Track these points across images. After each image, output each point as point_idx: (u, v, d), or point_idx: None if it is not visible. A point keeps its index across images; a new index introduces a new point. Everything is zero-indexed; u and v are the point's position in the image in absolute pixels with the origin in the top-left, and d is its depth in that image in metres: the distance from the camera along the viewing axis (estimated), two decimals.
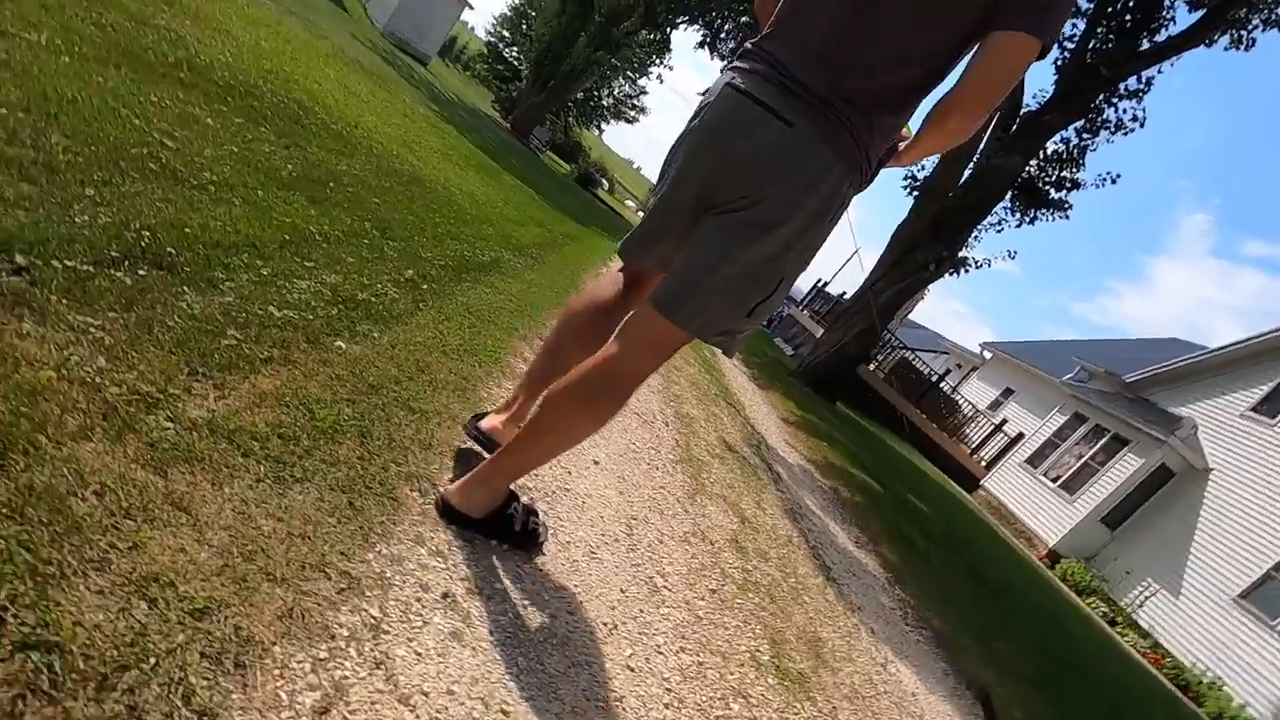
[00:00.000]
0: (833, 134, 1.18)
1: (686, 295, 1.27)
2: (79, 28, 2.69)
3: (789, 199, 1.19)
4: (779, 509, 3.38)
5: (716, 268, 1.24)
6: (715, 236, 1.25)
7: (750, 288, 1.27)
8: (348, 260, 2.38)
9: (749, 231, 1.22)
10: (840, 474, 5.83)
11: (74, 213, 1.57)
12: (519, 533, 1.45)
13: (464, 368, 2.04)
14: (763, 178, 1.20)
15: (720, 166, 1.24)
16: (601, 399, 1.31)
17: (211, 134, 2.69)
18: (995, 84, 1.16)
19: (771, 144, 1.18)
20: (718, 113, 1.25)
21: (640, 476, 2.40)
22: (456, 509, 1.36)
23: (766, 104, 1.20)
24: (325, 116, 4.24)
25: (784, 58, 1.22)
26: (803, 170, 1.18)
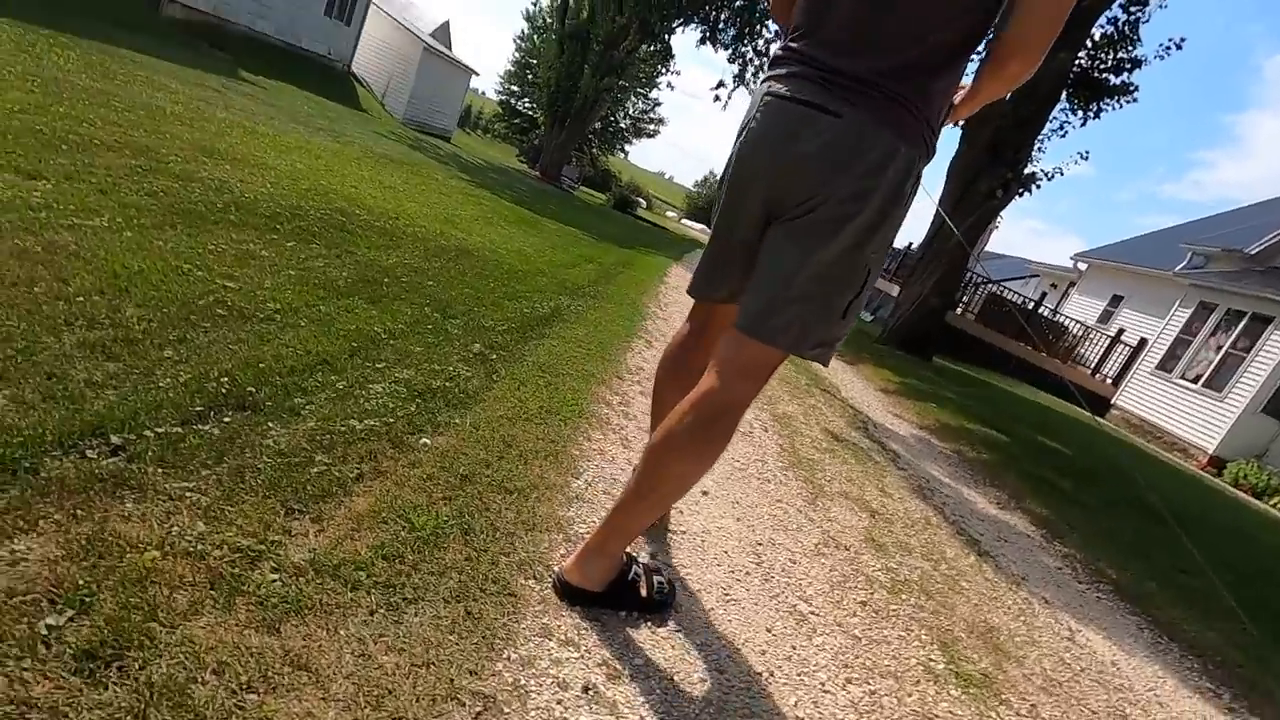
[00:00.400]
0: (886, 113, 1.13)
1: (771, 311, 1.20)
2: (134, 201, 2.87)
3: (856, 190, 1.13)
4: (906, 490, 3.16)
5: (795, 276, 1.18)
6: (787, 244, 1.19)
7: (836, 288, 1.20)
8: (415, 351, 2.40)
9: (821, 230, 1.16)
10: (958, 434, 5.46)
11: (157, 378, 1.63)
12: (646, 598, 1.37)
13: (549, 431, 2.00)
14: (824, 174, 1.14)
15: (777, 176, 1.19)
16: (705, 438, 1.23)
17: (268, 264, 2.80)
18: (1049, 22, 1.10)
19: (825, 139, 1.14)
20: (762, 124, 1.21)
21: (754, 495, 2.28)
22: (576, 586, 1.30)
23: (809, 101, 1.16)
24: (367, 216, 4.39)
25: (814, 52, 1.18)
26: (863, 157, 1.13)
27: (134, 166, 3.32)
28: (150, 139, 3.93)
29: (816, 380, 5.24)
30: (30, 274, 1.90)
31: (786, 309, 1.19)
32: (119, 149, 3.48)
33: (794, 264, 1.18)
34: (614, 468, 1.97)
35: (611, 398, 2.61)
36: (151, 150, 3.71)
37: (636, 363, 3.37)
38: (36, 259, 2.00)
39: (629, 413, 2.53)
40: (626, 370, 3.13)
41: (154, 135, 4.06)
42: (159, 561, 0.97)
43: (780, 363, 1.28)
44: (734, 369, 1.24)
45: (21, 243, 2.07)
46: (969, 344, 13.71)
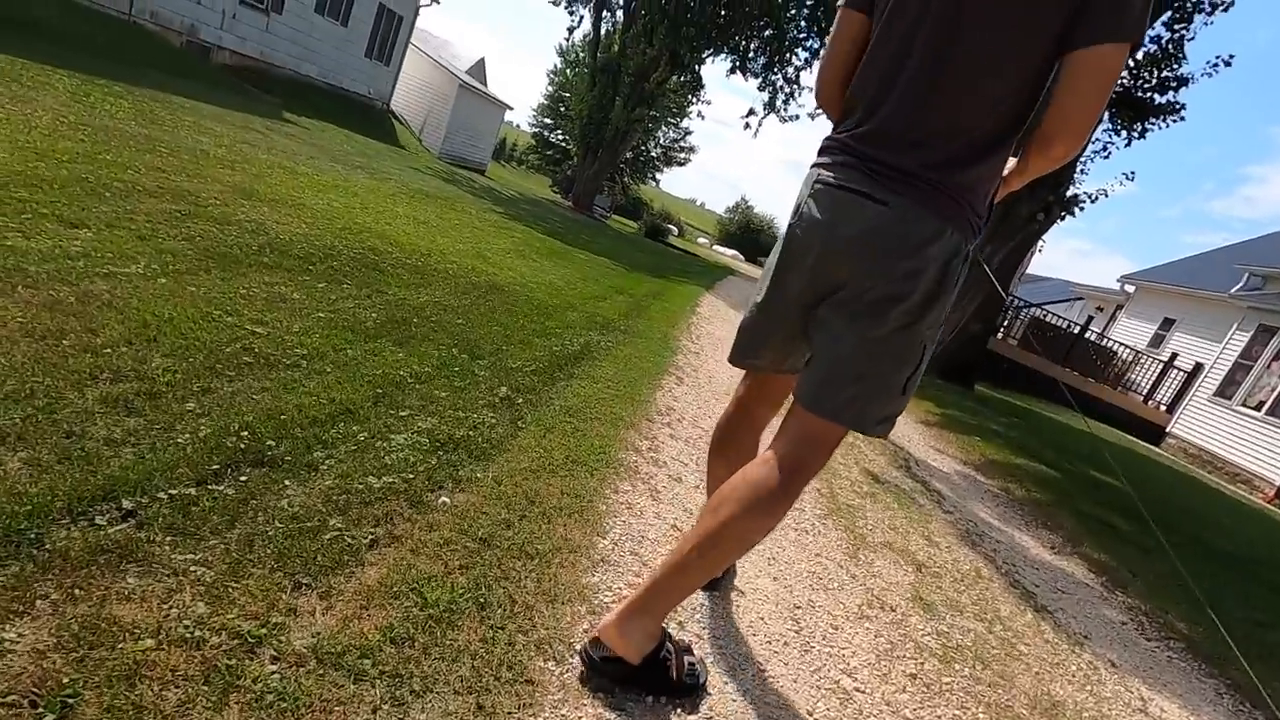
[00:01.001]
0: (932, 202, 1.17)
1: (831, 390, 1.23)
2: (171, 246, 2.92)
3: (904, 271, 1.17)
4: (954, 537, 2.99)
5: (851, 357, 1.22)
6: (841, 325, 1.22)
7: (893, 366, 1.23)
8: (440, 396, 2.35)
9: (873, 312, 1.19)
10: (1005, 470, 5.22)
11: (176, 433, 1.60)
12: (676, 681, 1.28)
13: (575, 483, 1.92)
14: (872, 258, 1.19)
15: (827, 258, 1.23)
16: (771, 500, 1.22)
17: (298, 307, 2.80)
18: (1091, 105, 1.11)
19: (873, 225, 1.18)
20: (813, 209, 1.26)
21: (791, 550, 2.16)
22: (611, 656, 1.22)
23: (857, 189, 1.20)
24: (399, 254, 4.43)
25: (861, 146, 1.23)
26: (910, 241, 1.17)
27: (173, 211, 3.39)
28: (191, 183, 4.04)
29: None
30: (61, 326, 1.91)
31: (845, 388, 1.22)
32: (160, 194, 3.56)
33: (849, 345, 1.21)
34: (642, 523, 1.88)
35: (640, 443, 2.53)
36: (191, 194, 3.79)
37: (666, 402, 3.28)
38: (69, 310, 2.02)
39: (658, 459, 2.44)
40: (656, 411, 3.04)
41: (195, 179, 4.17)
42: (152, 652, 0.91)
43: (843, 437, 1.29)
44: (799, 438, 1.26)
45: (56, 293, 2.09)
46: (1012, 371, 13.29)
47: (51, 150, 3.48)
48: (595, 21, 19.70)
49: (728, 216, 39.81)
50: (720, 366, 4.87)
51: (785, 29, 18.51)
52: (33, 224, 2.56)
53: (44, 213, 2.70)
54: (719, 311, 8.51)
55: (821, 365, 1.24)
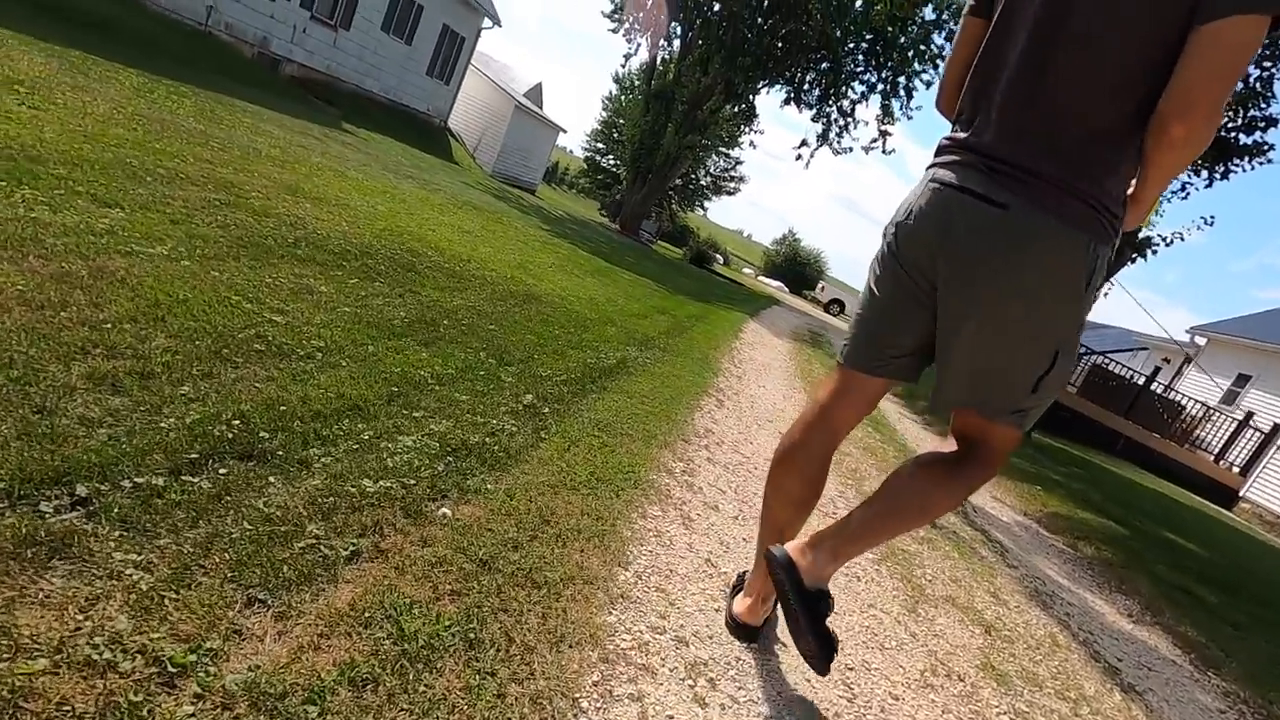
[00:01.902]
0: (1054, 202, 1.11)
1: (969, 387, 1.25)
2: (203, 232, 2.83)
3: (1025, 281, 1.13)
4: (1022, 596, 2.65)
5: (980, 358, 1.21)
6: (967, 328, 1.20)
7: (1023, 367, 1.20)
8: (460, 400, 2.17)
9: (1000, 314, 1.16)
10: (1070, 524, 4.79)
11: (161, 417, 1.45)
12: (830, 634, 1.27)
13: (598, 504, 1.69)
14: (993, 265, 1.14)
15: (946, 263, 1.20)
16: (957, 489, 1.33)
17: (324, 300, 2.68)
18: (1215, 80, 1.02)
19: (994, 231, 1.14)
20: (930, 210, 1.23)
21: (841, 597, 1.88)
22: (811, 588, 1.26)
23: (975, 191, 1.16)
24: (438, 258, 4.32)
25: (979, 141, 1.20)
26: (1031, 248, 1.12)
27: (213, 199, 3.34)
28: (237, 175, 4.01)
29: (904, 451, 4.73)
30: (64, 298, 1.79)
31: (977, 386, 1.24)
32: (203, 183, 3.52)
33: (981, 346, 1.20)
34: (671, 555, 1.64)
35: (674, 464, 2.29)
36: (235, 186, 3.76)
37: (705, 424, 3.04)
38: (78, 283, 1.90)
39: (693, 484, 2.20)
40: (694, 433, 2.80)
41: (242, 173, 4.15)
42: (41, 677, 0.71)
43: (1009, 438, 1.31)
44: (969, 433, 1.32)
45: (68, 266, 1.99)
46: (1070, 420, 12.58)
47: (101, 135, 3.48)
48: (652, 49, 19.88)
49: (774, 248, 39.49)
50: (763, 393, 4.61)
51: (842, 63, 18.36)
52: (64, 199, 2.50)
53: (79, 190, 2.65)
54: (763, 339, 8.24)
55: (950, 367, 1.25)
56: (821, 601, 1.27)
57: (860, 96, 19.12)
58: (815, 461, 1.39)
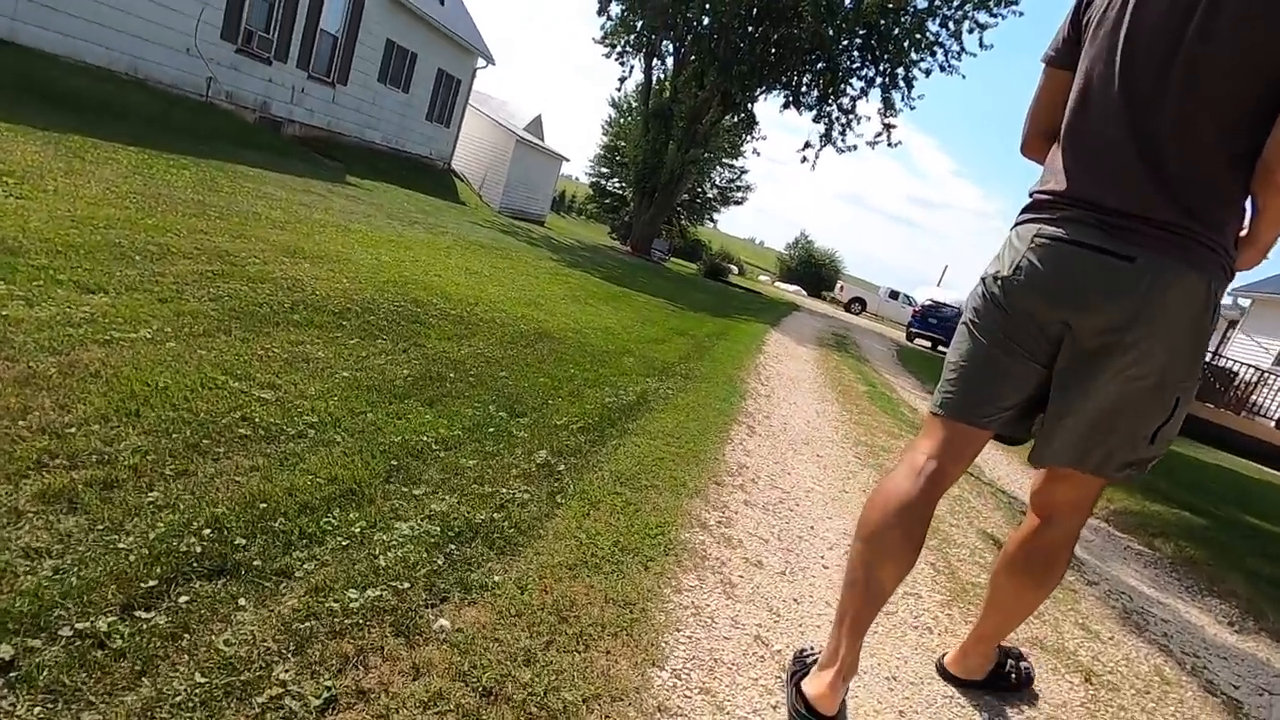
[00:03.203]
0: (1181, 251, 1.12)
1: (1083, 444, 1.25)
2: (193, 308, 2.71)
3: (1156, 331, 1.14)
4: (1112, 620, 2.36)
5: (1102, 411, 1.20)
6: (1085, 383, 1.21)
7: (1144, 418, 1.21)
8: (467, 466, 1.98)
9: (1123, 369, 1.16)
10: (1141, 519, 4.43)
11: (121, 535, 1.28)
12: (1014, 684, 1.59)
13: (624, 584, 1.48)
14: (1120, 319, 1.14)
15: (1064, 315, 1.20)
16: (1048, 577, 1.43)
17: (320, 367, 2.53)
18: None
19: (1124, 284, 1.13)
20: (1048, 269, 1.21)
21: (913, 658, 1.64)
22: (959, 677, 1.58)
23: (1096, 246, 1.16)
24: (444, 305, 4.18)
25: (1088, 196, 1.19)
26: (1160, 299, 1.12)
27: (206, 271, 3.23)
28: (233, 243, 3.92)
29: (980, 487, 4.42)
30: (26, 404, 1.65)
31: (1101, 440, 1.23)
32: (196, 256, 3.43)
33: (1102, 402, 1.19)
34: (714, 637, 1.42)
35: (708, 515, 2.07)
36: (230, 254, 3.66)
37: (737, 459, 2.81)
38: (44, 384, 1.76)
39: (731, 536, 1.98)
40: (726, 471, 2.58)
41: (239, 239, 4.07)
42: None
43: (1101, 489, 1.36)
44: (1061, 508, 1.37)
45: (37, 365, 1.85)
46: None
47: (91, 218, 3.41)
48: (646, 69, 19.90)
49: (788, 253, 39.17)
50: (795, 411, 4.37)
51: (838, 61, 18.19)
52: (43, 291, 2.39)
53: (60, 279, 2.54)
54: (787, 349, 7.99)
55: (1073, 425, 1.24)
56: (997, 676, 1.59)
57: (860, 92, 18.90)
58: (920, 521, 1.34)
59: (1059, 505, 1.37)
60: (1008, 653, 1.64)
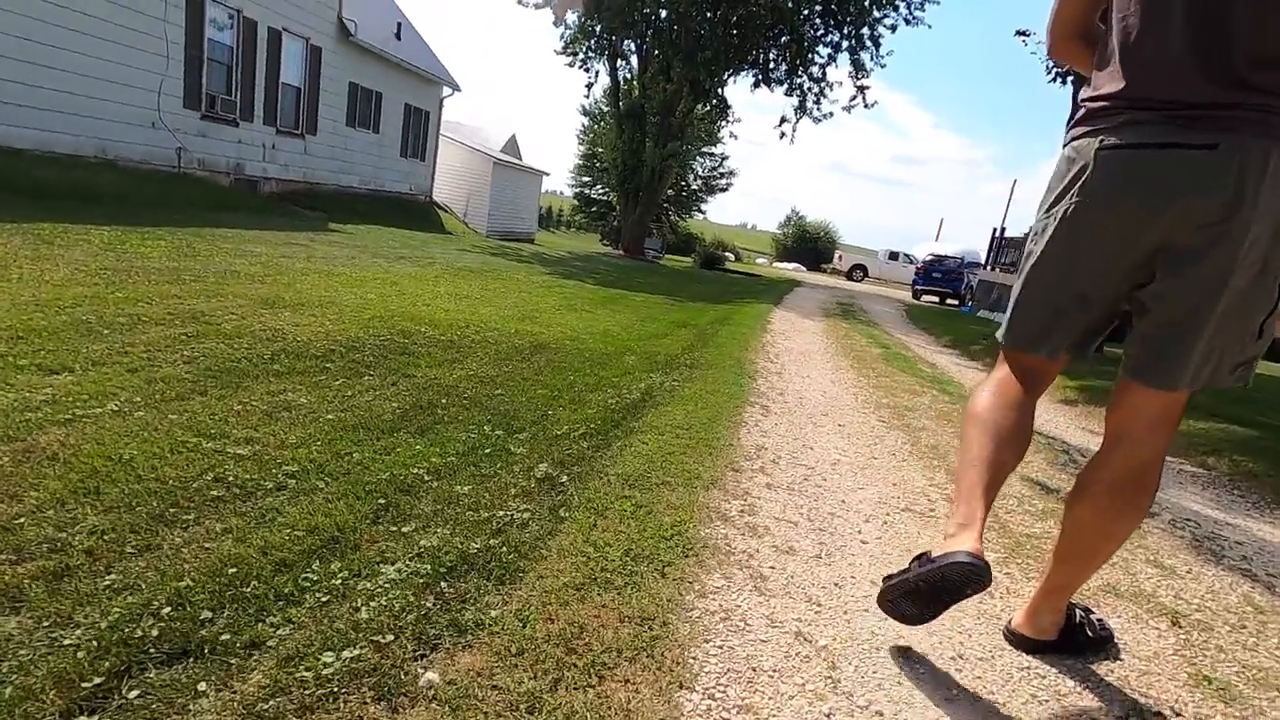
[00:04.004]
0: (1264, 127, 1.06)
1: (1180, 360, 1.16)
2: (165, 373, 2.59)
3: (1256, 215, 1.06)
4: (1185, 551, 2.18)
5: (1198, 317, 1.13)
6: (1180, 288, 1.14)
7: (1249, 313, 1.15)
8: (461, 493, 1.83)
9: (1219, 265, 1.10)
10: (1188, 438, 4.21)
11: (69, 629, 1.14)
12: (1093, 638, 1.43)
13: (640, 597, 1.32)
14: (1210, 210, 1.08)
15: (1142, 226, 1.15)
16: (1136, 502, 1.28)
17: (302, 414, 2.39)
18: None
19: (1209, 176, 1.08)
20: (1108, 178, 1.16)
21: (976, 629, 1.46)
22: (1033, 639, 1.41)
23: (1169, 143, 1.11)
24: (434, 333, 4.05)
25: (1154, 92, 1.14)
26: (1257, 177, 1.06)
27: (179, 335, 3.12)
28: (209, 303, 3.81)
29: None
30: None
31: (1195, 351, 1.15)
32: (168, 321, 3.31)
33: (1193, 305, 1.13)
34: (749, 643, 1.25)
35: (728, 505, 1.91)
36: (205, 314, 3.55)
37: (754, 441, 2.65)
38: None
39: (755, 524, 1.81)
40: (743, 456, 2.41)
41: (214, 299, 3.96)
42: None
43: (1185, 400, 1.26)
44: (1146, 426, 1.25)
45: None
46: None
47: (56, 299, 3.31)
48: (612, 71, 19.80)
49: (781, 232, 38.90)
50: (809, 385, 4.19)
51: (801, 31, 18.00)
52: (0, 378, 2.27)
53: (21, 364, 2.42)
54: (793, 324, 7.80)
55: (1165, 338, 1.17)
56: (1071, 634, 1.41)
57: (828, 59, 18.71)
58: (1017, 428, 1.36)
59: (1143, 423, 1.24)
60: (1075, 608, 1.48)
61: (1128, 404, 1.27)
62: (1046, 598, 1.40)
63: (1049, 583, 1.39)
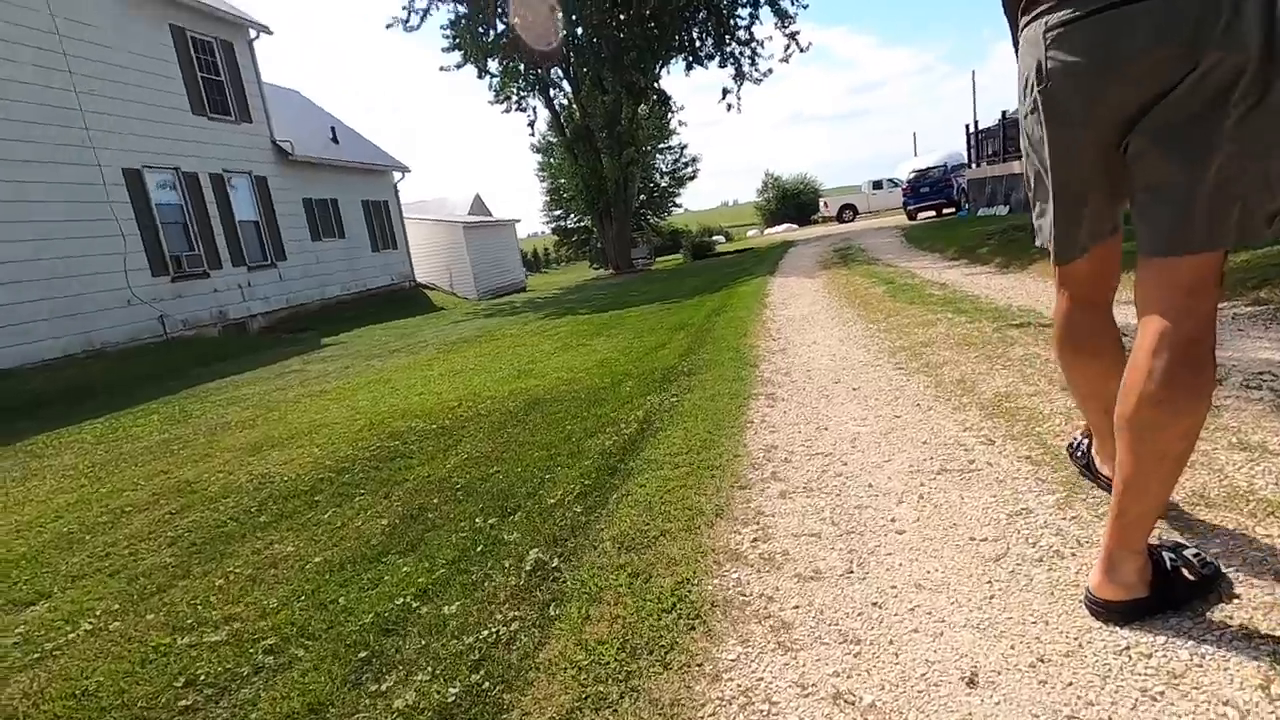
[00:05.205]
0: None
1: (1198, 215, 1.05)
2: (148, 564, 2.46)
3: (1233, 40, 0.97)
4: (1277, 418, 1.87)
5: (1207, 165, 1.03)
6: (1179, 142, 1.05)
7: (1263, 151, 1.01)
8: (449, 615, 1.64)
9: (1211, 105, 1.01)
10: (1234, 276, 3.85)
11: None
12: (1197, 580, 1.18)
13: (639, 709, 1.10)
14: (1182, 46, 1.00)
15: (1116, 88, 1.08)
16: (1197, 379, 1.08)
17: (288, 567, 2.24)
18: None
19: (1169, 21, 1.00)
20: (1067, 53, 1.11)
21: (1049, 614, 1.21)
22: (1122, 601, 1.17)
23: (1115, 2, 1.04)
24: (425, 424, 3.90)
25: None
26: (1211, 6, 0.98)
27: (163, 516, 3.00)
28: (196, 469, 3.71)
29: (1001, 316, 3.91)
30: None
31: (1198, 203, 1.05)
32: (152, 505, 3.20)
33: (1199, 153, 1.04)
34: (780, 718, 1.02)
35: (738, 535, 1.68)
36: (191, 483, 3.44)
37: (762, 441, 2.41)
38: None
39: (772, 553, 1.58)
40: (751, 464, 2.18)
41: (202, 462, 3.86)
42: None
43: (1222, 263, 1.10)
44: (1180, 298, 1.09)
45: None
46: None
47: (38, 518, 3.23)
48: (548, 102, 19.77)
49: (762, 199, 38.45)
50: (816, 352, 3.93)
51: (716, 2, 17.81)
52: None
53: None
54: (791, 289, 7.52)
55: (1174, 197, 1.07)
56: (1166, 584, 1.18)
57: (750, 19, 18.43)
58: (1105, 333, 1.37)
59: (1175, 296, 1.09)
60: (1163, 550, 1.23)
61: (1151, 283, 1.13)
62: (1121, 538, 1.17)
63: (1119, 517, 1.16)
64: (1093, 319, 1.38)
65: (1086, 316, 1.38)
